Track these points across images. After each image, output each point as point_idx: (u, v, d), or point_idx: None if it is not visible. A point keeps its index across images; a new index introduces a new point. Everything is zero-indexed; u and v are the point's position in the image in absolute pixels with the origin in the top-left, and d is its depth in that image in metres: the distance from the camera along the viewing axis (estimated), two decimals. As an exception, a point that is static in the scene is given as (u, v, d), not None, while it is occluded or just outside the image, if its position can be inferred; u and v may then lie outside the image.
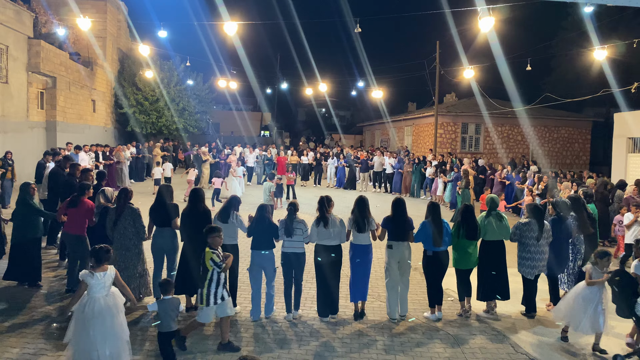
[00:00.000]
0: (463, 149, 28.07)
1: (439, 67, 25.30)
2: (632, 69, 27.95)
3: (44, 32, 20.80)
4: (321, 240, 6.49)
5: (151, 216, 6.78)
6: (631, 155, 17.92)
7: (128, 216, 6.66)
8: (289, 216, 6.54)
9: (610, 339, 6.15)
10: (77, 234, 7.08)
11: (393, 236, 6.61)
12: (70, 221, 7.12)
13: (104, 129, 26.30)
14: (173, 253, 6.80)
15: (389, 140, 36.40)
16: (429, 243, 6.64)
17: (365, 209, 6.59)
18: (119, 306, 4.78)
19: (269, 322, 6.39)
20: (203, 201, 6.76)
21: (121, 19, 28.52)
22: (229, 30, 14.42)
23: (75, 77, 22.05)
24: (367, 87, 34.15)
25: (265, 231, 6.48)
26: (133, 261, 6.64)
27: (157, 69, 27.80)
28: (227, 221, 6.51)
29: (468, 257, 6.84)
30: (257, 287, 6.46)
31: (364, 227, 6.52)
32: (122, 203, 6.72)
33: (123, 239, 6.62)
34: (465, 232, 6.78)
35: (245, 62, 31.92)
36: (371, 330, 6.29)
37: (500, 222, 6.95)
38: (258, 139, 37.92)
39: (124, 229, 6.63)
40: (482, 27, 12.75)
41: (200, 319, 5.42)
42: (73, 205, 7.09)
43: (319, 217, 6.52)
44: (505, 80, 25.36)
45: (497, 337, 6.17)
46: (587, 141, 30.12)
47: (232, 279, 6.50)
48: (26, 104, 18.52)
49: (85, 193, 7.23)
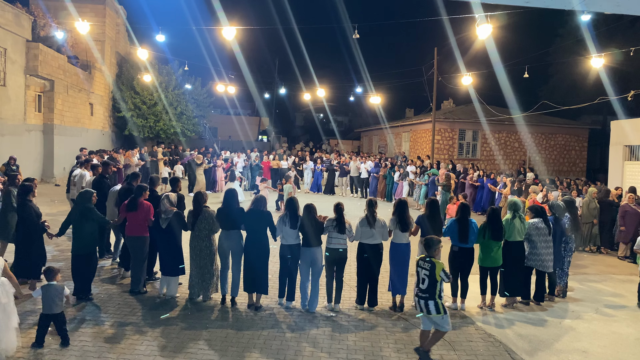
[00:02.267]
0: (460, 155, 28.12)
1: (436, 73, 25.37)
2: (629, 76, 28.13)
3: (43, 35, 20.81)
4: (364, 239, 6.96)
5: (219, 219, 7.05)
6: (628, 163, 17.98)
7: (204, 219, 6.97)
8: (338, 216, 6.94)
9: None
10: (141, 235, 7.22)
11: (426, 233, 7.03)
12: (132, 224, 7.22)
13: (102, 132, 26.28)
14: (239, 254, 7.06)
15: (386, 146, 36.46)
16: (454, 239, 7.22)
17: (406, 212, 7.08)
18: (9, 294, 5.19)
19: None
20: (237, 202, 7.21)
21: (120, 22, 28.56)
22: (228, 35, 14.44)
23: (73, 80, 22.05)
24: (365, 93, 34.26)
25: (317, 229, 6.93)
26: (206, 262, 6.98)
27: (155, 73, 27.83)
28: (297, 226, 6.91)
29: (492, 256, 7.27)
30: (305, 280, 6.96)
31: (407, 227, 7.05)
32: (199, 206, 7.00)
33: (197, 240, 6.98)
34: (490, 233, 7.21)
35: (243, 67, 32.04)
36: (381, 324, 6.61)
37: (523, 224, 7.49)
38: (256, 144, 37.94)
39: (199, 231, 6.98)
40: (480, 34, 12.81)
41: (444, 329, 5.55)
42: (133, 209, 7.18)
43: (366, 217, 6.99)
44: (502, 87, 25.50)
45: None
46: (584, 148, 30.21)
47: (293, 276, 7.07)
48: (24, 107, 18.50)
49: (143, 194, 7.32)
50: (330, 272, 6.97)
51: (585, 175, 27.76)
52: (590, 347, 6.14)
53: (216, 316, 6.63)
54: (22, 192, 7.43)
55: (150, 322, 6.32)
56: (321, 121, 52.89)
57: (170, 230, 7.09)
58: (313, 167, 21.86)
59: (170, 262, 7.13)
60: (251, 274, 6.86)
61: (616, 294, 8.51)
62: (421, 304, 5.48)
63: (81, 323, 6.19)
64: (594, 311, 7.48)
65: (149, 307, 6.84)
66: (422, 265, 5.61)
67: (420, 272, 5.59)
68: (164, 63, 29.43)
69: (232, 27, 14.57)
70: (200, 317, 6.57)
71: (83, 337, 5.79)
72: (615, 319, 7.19)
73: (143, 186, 7.46)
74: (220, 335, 5.97)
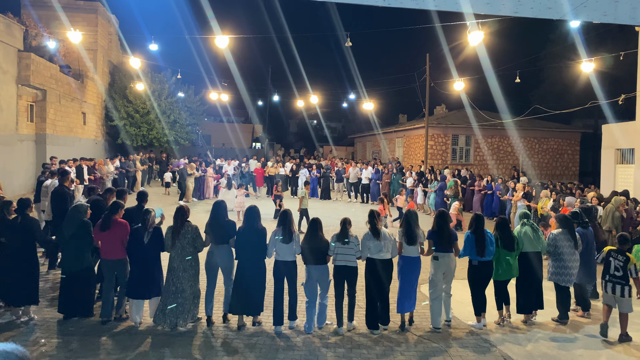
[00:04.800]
0: (454, 160, 28.23)
1: (429, 79, 25.49)
2: (619, 81, 28.33)
3: (34, 45, 20.74)
4: (373, 254, 6.58)
5: (208, 232, 6.65)
6: (619, 167, 18.10)
7: (187, 235, 6.39)
8: (342, 230, 6.64)
9: None
10: (118, 258, 6.55)
11: (439, 248, 6.80)
12: (106, 246, 6.53)
13: (95, 141, 26.19)
14: (230, 270, 6.64)
15: (380, 152, 36.54)
16: (473, 254, 6.86)
17: (415, 223, 6.78)
18: None
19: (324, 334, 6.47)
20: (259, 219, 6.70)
21: (112, 31, 28.53)
22: (220, 43, 14.47)
23: (65, 89, 21.99)
24: (358, 99, 34.39)
25: (323, 246, 6.63)
26: (190, 282, 6.38)
27: (148, 81, 27.80)
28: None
29: (507, 267, 6.98)
30: (313, 299, 6.56)
31: (414, 240, 6.69)
32: (180, 222, 6.42)
33: (180, 259, 6.33)
34: (502, 242, 6.96)
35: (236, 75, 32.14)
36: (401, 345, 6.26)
37: (536, 233, 7.19)
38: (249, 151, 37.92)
39: (181, 248, 6.36)
40: (472, 40, 12.89)
41: (630, 311, 6.50)
42: (105, 228, 6.51)
43: (371, 229, 6.65)
44: (494, 93, 25.67)
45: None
46: (576, 152, 30.40)
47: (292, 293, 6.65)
48: (16, 117, 18.41)
49: (118, 212, 6.70)
50: (340, 290, 6.61)
51: (577, 179, 27.92)
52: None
53: (218, 343, 6.09)
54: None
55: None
56: (315, 127, 53.00)
57: (152, 247, 6.49)
58: (308, 174, 21.92)
59: (145, 283, 6.44)
60: (244, 294, 6.41)
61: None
62: (616, 289, 6.53)
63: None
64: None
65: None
66: (615, 256, 6.67)
67: (613, 261, 6.64)
68: (156, 71, 29.43)
69: (224, 35, 14.62)
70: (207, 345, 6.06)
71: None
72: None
73: (119, 203, 6.83)
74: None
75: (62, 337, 6.07)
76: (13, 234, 6.53)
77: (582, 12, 4.20)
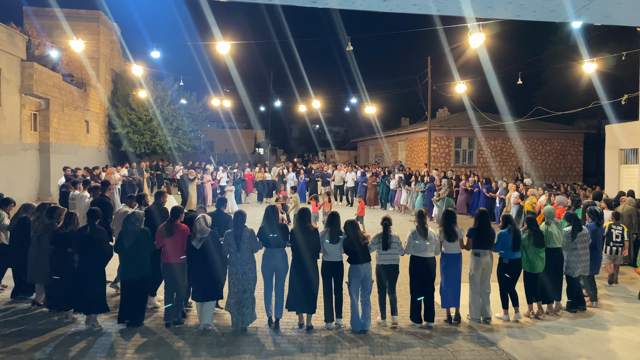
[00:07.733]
0: (457, 163, 28.17)
1: (430, 82, 25.49)
2: (622, 81, 28.28)
3: (37, 54, 20.85)
4: (417, 252, 6.89)
5: (261, 237, 6.80)
6: (623, 167, 18.02)
7: (247, 239, 6.64)
8: (385, 230, 6.87)
9: None
10: (178, 262, 6.72)
11: (479, 245, 7.11)
12: (169, 250, 6.69)
13: (98, 149, 26.26)
14: (284, 273, 6.82)
15: (382, 156, 36.52)
16: (507, 250, 7.17)
17: (453, 221, 7.08)
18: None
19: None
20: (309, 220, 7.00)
21: (114, 39, 28.65)
22: (222, 49, 14.50)
23: (68, 98, 22.07)
24: (360, 103, 34.36)
25: (363, 246, 6.83)
26: (250, 285, 6.65)
27: (150, 88, 27.87)
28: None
29: (539, 262, 7.35)
30: (356, 298, 6.73)
31: (454, 237, 6.98)
32: (240, 226, 6.68)
33: (241, 263, 6.61)
34: (534, 239, 7.29)
35: (238, 81, 32.20)
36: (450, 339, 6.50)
37: (560, 230, 7.63)
38: (252, 157, 37.96)
39: (242, 252, 6.62)
40: (473, 42, 12.86)
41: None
42: (170, 234, 6.68)
43: (417, 229, 6.94)
44: (496, 95, 25.63)
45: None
46: (579, 153, 30.32)
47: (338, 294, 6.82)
48: (19, 126, 18.49)
49: (179, 217, 6.85)
50: (382, 287, 6.91)
51: (581, 180, 27.84)
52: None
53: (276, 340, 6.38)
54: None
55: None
56: (317, 132, 53.03)
57: (206, 251, 6.67)
58: (296, 178, 21.89)
59: (205, 285, 6.68)
60: (299, 293, 6.67)
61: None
62: (618, 250, 8.71)
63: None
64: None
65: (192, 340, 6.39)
66: (615, 228, 8.76)
67: (614, 232, 8.72)
68: (158, 79, 29.51)
69: (226, 41, 14.64)
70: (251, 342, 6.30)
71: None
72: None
73: (179, 208, 6.97)
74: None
75: (135, 344, 6.19)
76: (83, 244, 6.71)
77: (585, 14, 4.18)
